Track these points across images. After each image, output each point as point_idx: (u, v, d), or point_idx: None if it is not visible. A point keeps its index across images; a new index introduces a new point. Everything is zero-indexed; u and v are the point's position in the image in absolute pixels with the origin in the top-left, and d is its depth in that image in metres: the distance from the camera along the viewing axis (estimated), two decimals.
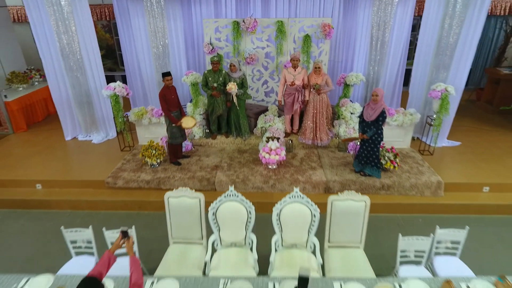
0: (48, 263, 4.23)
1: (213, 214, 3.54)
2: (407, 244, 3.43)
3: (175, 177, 5.22)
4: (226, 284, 2.93)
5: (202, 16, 6.87)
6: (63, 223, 4.56)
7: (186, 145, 5.95)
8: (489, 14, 8.64)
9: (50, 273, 3.02)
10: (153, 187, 5.25)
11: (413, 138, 6.29)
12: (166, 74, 5.09)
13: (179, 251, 3.64)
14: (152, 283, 2.97)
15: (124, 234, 2.54)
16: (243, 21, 6.26)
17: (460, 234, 3.50)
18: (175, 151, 5.59)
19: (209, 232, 3.69)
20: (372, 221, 4.53)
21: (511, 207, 4.95)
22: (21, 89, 7.70)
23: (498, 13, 8.48)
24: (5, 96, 7.07)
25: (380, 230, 4.64)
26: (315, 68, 5.57)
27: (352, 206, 3.48)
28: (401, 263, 3.46)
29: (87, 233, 3.56)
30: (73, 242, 3.62)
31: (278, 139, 5.52)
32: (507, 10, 8.34)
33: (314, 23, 6.28)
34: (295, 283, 2.22)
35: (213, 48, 6.46)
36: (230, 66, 5.74)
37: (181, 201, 3.58)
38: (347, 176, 5.16)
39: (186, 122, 5.24)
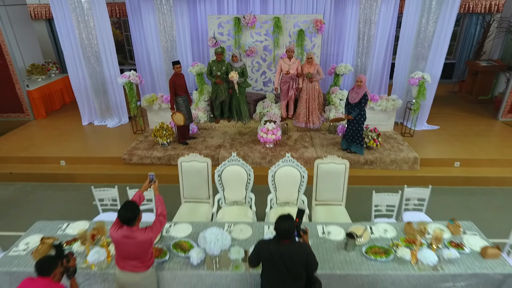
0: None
1: (218, 176, 4.26)
2: (380, 199, 4.14)
3: (183, 154, 5.89)
4: (230, 227, 3.65)
5: (206, 12, 7.56)
6: (86, 194, 5.33)
7: (192, 128, 6.65)
8: (470, 12, 9.37)
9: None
10: (164, 163, 5.96)
11: (396, 123, 7.00)
12: (175, 63, 5.80)
13: (190, 207, 4.35)
14: (170, 226, 3.69)
15: (151, 179, 3.25)
16: (244, 17, 6.96)
17: (424, 192, 4.22)
18: (183, 132, 6.30)
19: (215, 192, 4.40)
20: (356, 191, 5.25)
21: (478, 179, 5.66)
22: (40, 80, 8.40)
23: (478, 11, 9.19)
24: (27, 86, 7.78)
25: (362, 198, 5.32)
26: (308, 58, 6.27)
27: (334, 168, 4.19)
28: (375, 216, 4.17)
29: (113, 192, 4.26)
30: (100, 200, 4.33)
31: (274, 122, 6.23)
32: (487, 9, 9.04)
33: (307, 19, 6.99)
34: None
35: (216, 41, 7.16)
36: (232, 56, 6.45)
37: (192, 164, 4.29)
38: (335, 153, 5.85)
39: (177, 118, 5.87)
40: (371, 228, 3.63)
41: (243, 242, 3.38)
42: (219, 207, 4.37)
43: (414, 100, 6.34)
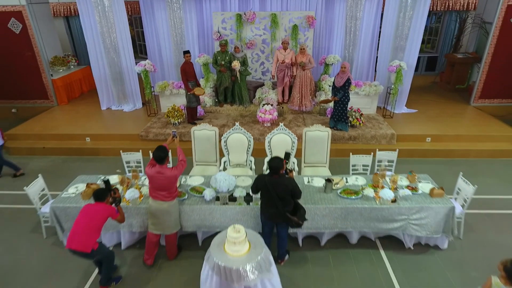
0: None
1: (224, 142, 5.21)
2: (356, 159, 5.10)
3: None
4: (235, 178, 4.58)
5: (212, 9, 8.48)
6: (110, 164, 6.29)
7: (200, 111, 7.58)
8: (450, 9, 10.32)
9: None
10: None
11: (379, 107, 7.93)
12: (186, 52, 6.75)
13: (201, 169, 5.29)
14: (186, 178, 4.63)
15: (174, 135, 4.20)
16: (244, 13, 7.90)
17: (393, 154, 5.17)
18: (192, 114, 7.24)
19: (221, 156, 5.34)
20: (340, 162, 6.16)
21: (446, 151, 6.60)
22: (61, 70, 9.34)
23: (457, 9, 10.12)
24: (52, 75, 8.72)
25: (344, 166, 6.24)
26: (301, 49, 7.21)
27: (319, 135, 5.14)
28: (352, 174, 5.10)
29: (138, 155, 5.20)
30: (127, 162, 5.27)
31: (272, 104, 7.16)
32: (464, 6, 9.97)
33: (300, 15, 7.93)
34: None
35: (220, 35, 8.09)
36: (235, 48, 7.39)
37: (203, 132, 5.23)
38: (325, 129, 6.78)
39: (198, 90, 6.88)
40: (346, 178, 4.58)
41: (245, 188, 4.31)
42: (224, 169, 5.31)
43: (393, 86, 7.27)
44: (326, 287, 3.81)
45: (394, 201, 4.03)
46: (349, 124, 6.82)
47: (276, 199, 3.54)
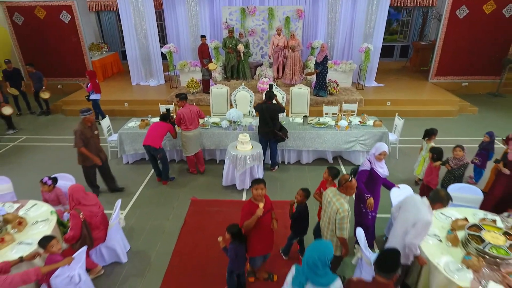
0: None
1: (234, 97, 7.26)
2: (327, 109, 7.15)
3: (207, 99, 8.91)
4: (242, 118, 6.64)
5: (221, 4, 10.52)
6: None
7: (212, 84, 9.61)
8: (418, 5, 12.37)
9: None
10: (195, 103, 8.93)
11: (354, 82, 9.97)
12: (202, 36, 8.82)
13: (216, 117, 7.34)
14: (208, 118, 6.69)
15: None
16: (247, 7, 9.94)
17: (354, 106, 7.22)
18: (206, 85, 9.28)
19: (231, 108, 7.39)
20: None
21: (402, 111, 8.57)
22: (96, 55, 11.41)
23: (424, 5, 12.17)
24: (91, 57, 10.79)
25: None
26: (291, 35, 9.24)
27: (300, 91, 7.20)
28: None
29: (171, 107, 7.25)
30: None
31: (268, 78, 9.21)
32: (430, 3, 12.02)
33: (292, 9, 9.97)
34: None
35: (228, 24, 10.13)
36: (239, 34, 9.43)
37: (218, 90, 7.30)
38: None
39: (212, 66, 8.91)
40: (319, 118, 6.64)
41: (247, 121, 6.36)
42: None
43: (362, 64, 9.34)
44: (302, 183, 5.85)
45: (347, 128, 6.10)
46: (328, 91, 8.87)
47: (268, 119, 5.60)
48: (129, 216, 5.01)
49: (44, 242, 3.12)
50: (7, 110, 7.83)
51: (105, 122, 6.64)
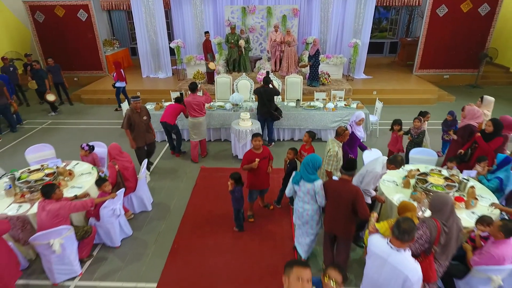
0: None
1: (236, 85, 8.27)
2: (318, 95, 8.15)
3: (211, 88, 9.91)
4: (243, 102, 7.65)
5: (223, 4, 11.52)
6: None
7: (216, 76, 10.60)
8: (405, 4, 13.36)
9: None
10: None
11: (344, 75, 10.97)
12: (206, 32, 9.83)
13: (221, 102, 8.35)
14: (214, 102, 7.70)
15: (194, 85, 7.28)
16: (247, 6, 10.94)
17: (342, 92, 8.22)
18: (210, 77, 10.28)
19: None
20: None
21: (386, 99, 9.58)
22: (109, 50, 12.42)
23: (411, 4, 13.17)
24: (104, 52, 11.80)
25: None
26: (287, 32, 10.24)
27: (295, 80, 8.21)
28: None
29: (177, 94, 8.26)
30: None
31: (266, 71, 10.20)
32: (416, 2, 13.02)
33: (288, 8, 10.97)
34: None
35: (230, 22, 11.13)
36: (240, 31, 10.44)
37: (222, 79, 8.31)
38: (303, 86, 9.83)
39: (212, 65, 9.88)
40: (310, 102, 7.65)
41: (247, 104, 7.38)
42: None
43: (351, 57, 10.34)
44: None
45: (334, 110, 7.11)
46: (320, 82, 9.87)
47: (266, 101, 6.60)
48: (149, 180, 6.01)
49: (100, 182, 4.14)
50: (51, 97, 9.13)
51: (125, 105, 7.65)
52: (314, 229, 3.76)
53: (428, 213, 3.73)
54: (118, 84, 9.03)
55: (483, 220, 3.30)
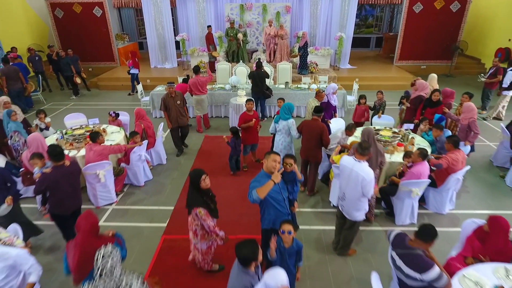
0: None
1: (234, 70, 9.59)
2: (305, 79, 9.47)
3: (214, 76, 11.21)
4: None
5: (224, 1, 12.82)
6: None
7: (216, 66, 11.91)
8: (389, 3, 14.68)
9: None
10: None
11: (331, 65, 12.28)
12: (209, 26, 11.14)
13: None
14: (216, 84, 9.03)
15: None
16: (245, 4, 12.25)
17: (326, 77, 9.53)
18: (212, 66, 11.59)
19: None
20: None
21: (365, 86, 10.93)
22: (120, 43, 13.73)
23: (395, 2, 14.48)
24: (117, 45, 13.12)
25: None
26: (280, 26, 11.55)
27: (285, 67, 9.53)
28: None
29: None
30: None
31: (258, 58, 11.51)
32: (398, 0, 14.32)
33: (281, 5, 12.29)
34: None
35: (229, 18, 12.44)
36: (239, 25, 11.75)
37: (222, 66, 9.66)
38: (293, 74, 11.13)
39: (215, 53, 11.21)
40: (297, 85, 8.96)
41: (244, 86, 8.70)
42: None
43: (337, 48, 11.67)
44: None
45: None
46: (309, 70, 11.18)
47: (258, 82, 7.91)
48: (164, 140, 7.32)
49: (133, 134, 5.46)
50: (78, 80, 10.67)
51: (139, 87, 8.97)
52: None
53: None
54: (132, 71, 10.33)
55: (406, 155, 4.64)
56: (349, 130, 5.21)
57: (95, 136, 4.99)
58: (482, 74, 8.95)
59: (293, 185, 3.75)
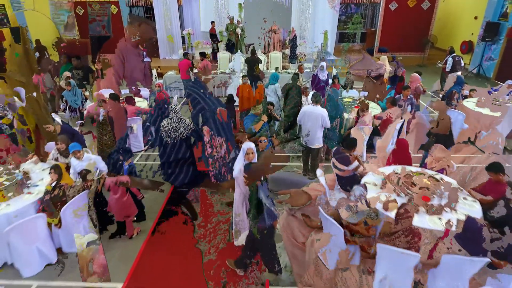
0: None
1: (233, 58, 11.33)
2: (293, 66, 11.21)
3: (215, 64, 12.95)
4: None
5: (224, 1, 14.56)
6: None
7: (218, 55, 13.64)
8: (372, 2, 16.41)
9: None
10: None
11: (318, 56, 14.02)
12: (212, 22, 12.89)
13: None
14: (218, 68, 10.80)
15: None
16: (243, 2, 13.99)
17: (310, 65, 11.28)
18: (214, 56, 13.33)
19: None
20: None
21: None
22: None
23: (376, 2, 16.20)
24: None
25: None
26: (274, 22, 13.29)
27: (276, 55, 11.30)
28: None
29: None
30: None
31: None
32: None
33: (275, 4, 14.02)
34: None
35: (229, 15, 14.16)
36: (238, 22, 13.49)
37: (223, 55, 11.43)
38: (285, 63, 12.86)
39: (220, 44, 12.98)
40: (286, 70, 10.71)
41: (243, 70, 10.47)
42: None
43: (322, 42, 13.43)
44: None
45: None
46: (298, 60, 12.91)
47: (252, 66, 9.66)
48: None
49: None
50: (98, 66, 12.27)
51: (153, 72, 10.73)
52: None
53: None
54: (146, 59, 12.06)
55: (361, 109, 6.41)
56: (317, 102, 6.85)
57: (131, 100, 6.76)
58: (439, 61, 10.70)
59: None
